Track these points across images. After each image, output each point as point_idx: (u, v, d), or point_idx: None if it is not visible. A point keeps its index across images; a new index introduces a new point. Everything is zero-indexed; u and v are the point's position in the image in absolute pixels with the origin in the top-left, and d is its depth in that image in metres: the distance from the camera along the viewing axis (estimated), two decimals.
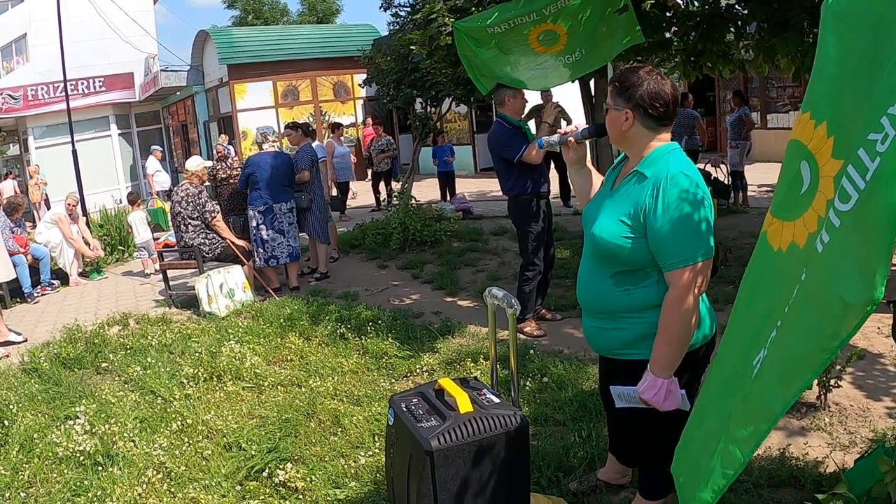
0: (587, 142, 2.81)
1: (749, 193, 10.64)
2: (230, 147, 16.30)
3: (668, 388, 2.35)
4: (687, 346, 2.37)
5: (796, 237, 1.68)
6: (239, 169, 8.33)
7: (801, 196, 1.70)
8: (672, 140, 2.50)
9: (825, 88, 1.68)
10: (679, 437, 2.62)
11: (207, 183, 8.17)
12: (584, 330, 2.73)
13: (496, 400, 2.73)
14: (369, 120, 15.88)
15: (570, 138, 2.74)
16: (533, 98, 11.39)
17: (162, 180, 17.47)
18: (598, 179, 2.82)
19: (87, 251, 10.10)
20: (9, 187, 18.36)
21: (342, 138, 13.25)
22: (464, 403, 2.62)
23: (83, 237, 10.21)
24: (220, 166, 8.71)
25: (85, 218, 11.00)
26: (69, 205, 10.13)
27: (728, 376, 1.84)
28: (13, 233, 8.91)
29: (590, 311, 2.65)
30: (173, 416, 4.44)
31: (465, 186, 15.27)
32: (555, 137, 2.83)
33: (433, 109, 11.81)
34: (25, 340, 6.98)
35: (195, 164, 7.89)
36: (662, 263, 2.35)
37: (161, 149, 19.37)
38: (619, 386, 2.55)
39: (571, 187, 2.95)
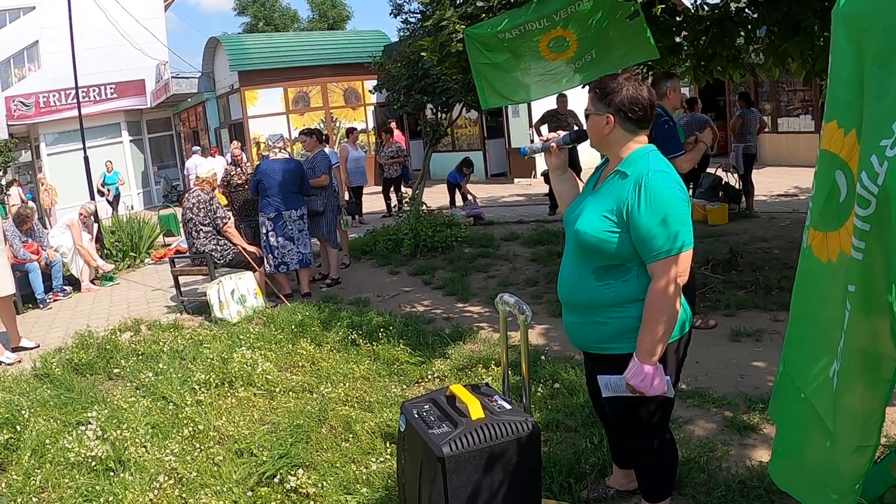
0: (567, 148, 2.85)
1: (759, 198, 10.57)
2: (244, 153, 16.35)
3: (653, 374, 2.45)
4: (671, 333, 2.48)
5: (843, 246, 1.68)
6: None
7: (841, 205, 1.70)
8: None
9: (847, 96, 1.67)
10: (658, 434, 2.71)
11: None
12: (566, 326, 2.79)
13: (508, 406, 2.73)
14: (393, 124, 15.41)
15: (553, 144, 2.80)
16: (544, 103, 11.42)
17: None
18: (579, 184, 2.90)
19: (93, 261, 10.12)
20: (15, 195, 18.51)
21: (357, 143, 13.27)
22: (475, 410, 2.62)
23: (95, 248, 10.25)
24: (234, 172, 8.74)
25: (96, 225, 11.02)
26: (82, 214, 10.18)
27: (801, 393, 1.87)
28: (24, 242, 8.94)
29: (571, 307, 2.71)
30: (185, 421, 4.45)
31: (476, 192, 15.23)
32: (538, 144, 2.86)
33: (444, 115, 11.83)
34: (38, 346, 7.03)
35: (206, 170, 7.93)
36: (645, 256, 2.45)
37: (200, 148, 19.51)
38: (606, 375, 2.61)
39: (554, 194, 2.98)
